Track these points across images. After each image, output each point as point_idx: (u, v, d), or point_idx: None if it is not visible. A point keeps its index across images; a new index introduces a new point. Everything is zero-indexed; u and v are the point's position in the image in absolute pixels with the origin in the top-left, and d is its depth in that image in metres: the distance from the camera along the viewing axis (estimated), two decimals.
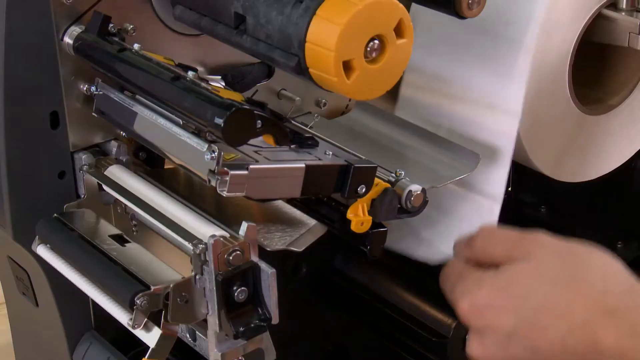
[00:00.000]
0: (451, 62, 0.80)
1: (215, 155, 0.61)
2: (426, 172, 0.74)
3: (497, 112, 0.77)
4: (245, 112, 0.60)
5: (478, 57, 0.78)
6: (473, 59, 0.78)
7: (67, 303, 0.80)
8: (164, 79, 0.65)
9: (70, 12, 0.71)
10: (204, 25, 0.69)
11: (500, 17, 0.76)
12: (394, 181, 0.69)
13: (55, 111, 0.73)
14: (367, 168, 0.67)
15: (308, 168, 0.64)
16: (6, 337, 0.98)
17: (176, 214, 0.68)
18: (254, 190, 0.63)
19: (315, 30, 0.59)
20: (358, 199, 0.67)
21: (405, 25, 0.61)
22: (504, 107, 0.76)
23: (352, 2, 0.58)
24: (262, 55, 0.64)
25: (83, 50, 0.71)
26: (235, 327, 0.64)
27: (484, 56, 0.77)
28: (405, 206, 0.69)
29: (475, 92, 0.78)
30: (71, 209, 0.74)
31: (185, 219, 0.67)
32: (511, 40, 0.75)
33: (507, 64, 0.76)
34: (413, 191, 0.69)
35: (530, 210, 1.02)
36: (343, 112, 0.86)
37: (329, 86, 0.61)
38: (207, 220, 0.67)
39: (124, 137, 0.76)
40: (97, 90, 0.72)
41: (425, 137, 0.78)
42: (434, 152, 0.77)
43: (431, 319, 0.73)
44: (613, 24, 0.80)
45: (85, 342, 0.82)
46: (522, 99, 0.75)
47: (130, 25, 0.73)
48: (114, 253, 0.68)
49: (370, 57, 0.60)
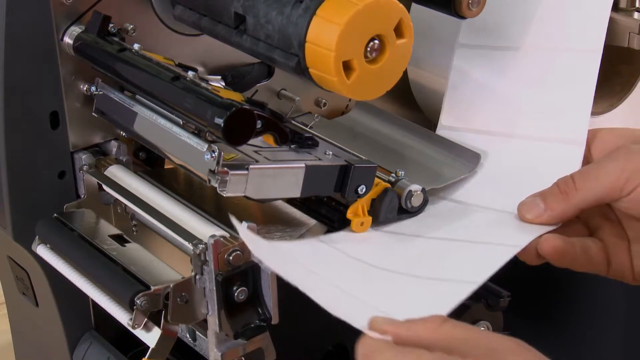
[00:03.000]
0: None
1: (215, 155, 0.61)
2: (426, 172, 0.74)
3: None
4: (245, 112, 0.61)
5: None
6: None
7: (67, 303, 0.80)
8: (164, 79, 0.65)
9: (70, 12, 0.72)
10: (204, 25, 0.69)
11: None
12: (394, 181, 0.69)
13: (55, 111, 0.73)
14: (367, 168, 0.67)
15: (308, 168, 0.64)
16: (6, 337, 0.98)
17: (176, 214, 0.68)
18: (254, 190, 0.63)
19: (315, 30, 0.59)
20: (358, 199, 0.67)
21: (405, 25, 0.61)
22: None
23: (352, 2, 0.58)
24: (262, 55, 0.64)
25: (83, 50, 0.71)
26: (235, 327, 0.64)
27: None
28: (405, 206, 0.69)
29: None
30: (71, 209, 0.74)
31: (185, 219, 0.67)
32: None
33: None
34: (413, 191, 0.69)
35: None
36: (343, 112, 0.86)
37: (329, 86, 0.61)
38: (207, 220, 0.67)
39: (124, 137, 0.76)
40: (97, 90, 0.72)
41: (425, 137, 0.78)
42: (434, 152, 0.77)
43: None
44: (613, 24, 0.80)
45: (85, 342, 0.82)
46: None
47: (130, 25, 0.73)
48: (114, 253, 0.68)
49: (370, 57, 0.60)
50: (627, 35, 0.80)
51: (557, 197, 0.65)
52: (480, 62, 0.76)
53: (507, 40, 0.75)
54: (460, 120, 0.77)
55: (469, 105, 0.77)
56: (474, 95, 0.77)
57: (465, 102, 0.77)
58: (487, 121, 0.76)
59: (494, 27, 0.70)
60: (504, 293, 0.74)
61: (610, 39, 0.81)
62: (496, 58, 0.76)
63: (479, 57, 0.76)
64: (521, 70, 0.74)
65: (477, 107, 0.77)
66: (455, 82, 0.77)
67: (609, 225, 0.67)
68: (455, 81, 0.77)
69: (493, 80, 0.76)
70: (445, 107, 0.78)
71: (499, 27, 0.71)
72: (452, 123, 0.78)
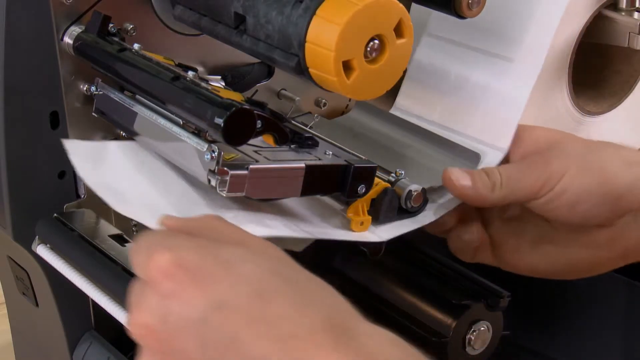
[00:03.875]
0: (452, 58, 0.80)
1: (215, 155, 0.61)
2: (426, 172, 0.74)
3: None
4: (245, 112, 0.60)
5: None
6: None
7: (67, 303, 0.80)
8: (164, 79, 0.65)
9: (70, 12, 0.71)
10: (204, 25, 0.69)
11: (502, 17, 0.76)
12: (393, 181, 0.69)
13: (55, 111, 0.73)
14: (367, 168, 0.67)
15: (308, 168, 0.64)
16: (6, 337, 0.98)
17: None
18: (254, 190, 0.63)
19: (315, 30, 0.59)
20: (358, 199, 0.67)
21: (405, 25, 0.61)
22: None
23: (352, 2, 0.58)
24: (262, 55, 0.64)
25: (83, 50, 0.71)
26: None
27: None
28: (405, 206, 0.69)
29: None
30: (71, 209, 0.74)
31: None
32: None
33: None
34: (413, 191, 0.69)
35: None
36: (343, 112, 0.86)
37: (329, 86, 0.61)
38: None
39: (124, 137, 0.76)
40: (97, 90, 0.72)
41: (425, 137, 0.78)
42: (434, 152, 0.77)
43: (431, 319, 0.73)
44: (613, 24, 0.80)
45: (85, 342, 0.82)
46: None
47: (130, 25, 0.73)
48: (113, 253, 0.68)
49: (370, 57, 0.60)
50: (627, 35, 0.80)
51: (484, 184, 0.69)
52: (441, 54, 0.79)
53: (471, 40, 0.77)
54: (413, 105, 0.80)
55: (423, 92, 0.80)
56: (428, 85, 0.80)
57: (420, 89, 0.80)
58: (432, 111, 0.79)
59: (461, 24, 0.71)
60: (504, 293, 0.74)
61: (610, 39, 0.81)
62: (456, 54, 0.78)
63: (441, 49, 0.79)
64: (471, 70, 0.77)
65: (429, 96, 0.79)
66: (414, 68, 0.80)
67: (501, 224, 0.74)
68: (415, 67, 0.80)
69: (446, 74, 0.78)
70: (403, 89, 0.81)
71: (467, 25, 0.72)
72: (406, 107, 0.81)
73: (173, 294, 0.47)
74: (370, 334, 0.47)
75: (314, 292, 0.49)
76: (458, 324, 0.72)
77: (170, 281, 0.48)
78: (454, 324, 0.72)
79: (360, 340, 0.46)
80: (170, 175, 0.69)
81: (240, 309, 0.46)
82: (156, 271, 0.48)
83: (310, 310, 0.46)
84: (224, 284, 0.47)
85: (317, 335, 0.45)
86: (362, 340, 0.46)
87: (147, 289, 0.48)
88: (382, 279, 0.78)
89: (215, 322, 0.46)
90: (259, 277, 0.48)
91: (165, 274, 0.48)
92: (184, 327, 0.47)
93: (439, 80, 0.79)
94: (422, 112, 0.80)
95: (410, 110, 0.81)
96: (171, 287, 0.47)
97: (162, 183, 0.68)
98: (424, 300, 0.75)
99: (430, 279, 0.76)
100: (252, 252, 0.50)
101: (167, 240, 0.50)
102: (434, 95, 0.79)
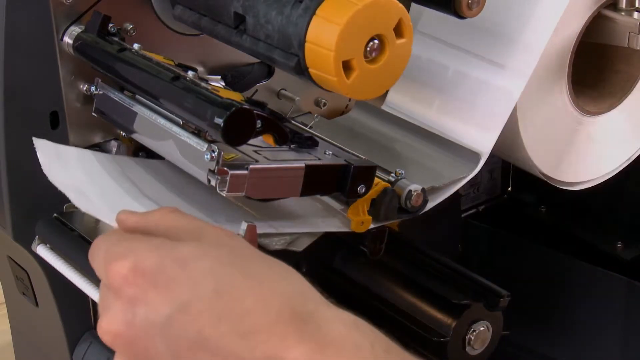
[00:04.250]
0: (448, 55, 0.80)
1: (215, 155, 0.61)
2: (426, 172, 0.74)
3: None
4: (245, 112, 0.60)
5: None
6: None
7: (67, 303, 0.80)
8: (164, 79, 0.65)
9: (70, 12, 0.72)
10: (204, 25, 0.69)
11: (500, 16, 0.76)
12: (393, 181, 0.69)
13: (55, 111, 0.73)
14: (367, 168, 0.67)
15: (308, 168, 0.64)
16: (6, 337, 0.98)
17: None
18: (254, 190, 0.63)
19: (315, 30, 0.59)
20: (358, 199, 0.67)
21: (405, 25, 0.61)
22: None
23: (352, 2, 0.58)
24: (262, 55, 0.64)
25: (83, 50, 0.71)
26: None
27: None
28: (405, 206, 0.69)
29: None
30: (71, 209, 0.74)
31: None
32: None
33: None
34: (413, 191, 0.69)
35: (530, 210, 1.02)
36: (343, 112, 0.86)
37: (329, 86, 0.61)
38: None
39: (124, 137, 0.76)
40: (97, 90, 0.72)
41: (425, 137, 0.78)
42: (434, 152, 0.77)
43: (431, 319, 0.73)
44: (613, 24, 0.80)
45: (85, 342, 0.82)
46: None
47: (130, 25, 0.73)
48: None
49: (370, 57, 0.60)
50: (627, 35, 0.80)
51: None
52: (431, 52, 0.79)
53: (462, 42, 0.78)
54: (402, 102, 0.81)
55: (412, 89, 0.80)
56: (415, 82, 0.80)
57: (408, 85, 0.80)
58: (424, 108, 0.79)
59: (453, 24, 0.71)
60: (504, 293, 0.74)
61: (610, 39, 0.81)
62: (443, 52, 0.78)
63: (431, 47, 0.79)
64: (457, 73, 0.77)
65: (416, 93, 0.80)
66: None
67: None
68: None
69: (433, 72, 0.79)
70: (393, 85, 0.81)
71: (457, 25, 0.72)
72: (396, 104, 0.81)
73: (136, 299, 0.48)
74: (334, 319, 0.47)
75: (273, 280, 0.48)
76: (458, 323, 0.72)
77: (132, 287, 0.48)
78: (453, 323, 0.72)
79: (325, 327, 0.46)
80: (128, 183, 0.71)
81: (202, 309, 0.47)
82: (116, 278, 0.48)
83: (271, 301, 0.47)
84: (184, 285, 0.47)
85: (280, 327, 0.45)
86: (327, 326, 0.46)
87: (110, 296, 0.49)
88: (382, 279, 0.78)
89: (180, 323, 0.47)
90: (216, 273, 0.48)
91: (126, 280, 0.48)
92: (151, 331, 0.47)
93: (430, 77, 0.79)
94: (413, 108, 0.80)
95: (400, 106, 0.81)
96: (133, 292, 0.48)
97: (121, 188, 0.70)
98: (424, 300, 0.75)
99: (430, 279, 0.76)
100: (207, 245, 0.50)
101: (124, 245, 0.50)
102: (425, 91, 0.79)
